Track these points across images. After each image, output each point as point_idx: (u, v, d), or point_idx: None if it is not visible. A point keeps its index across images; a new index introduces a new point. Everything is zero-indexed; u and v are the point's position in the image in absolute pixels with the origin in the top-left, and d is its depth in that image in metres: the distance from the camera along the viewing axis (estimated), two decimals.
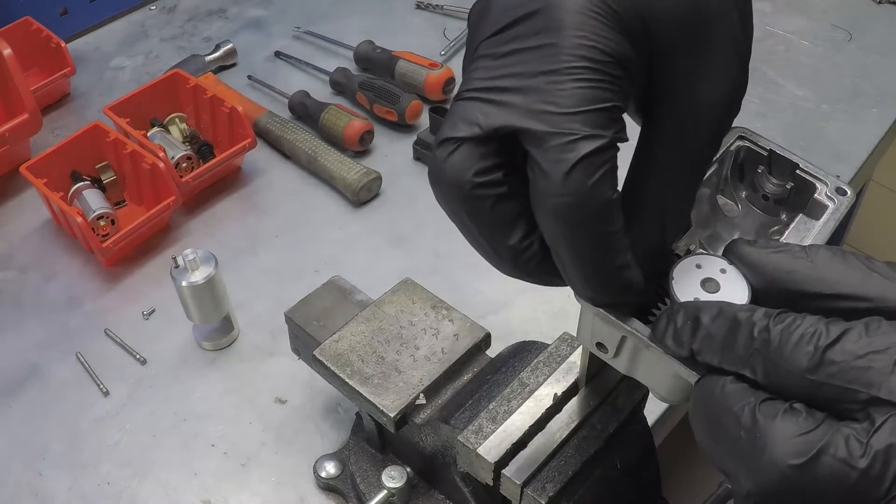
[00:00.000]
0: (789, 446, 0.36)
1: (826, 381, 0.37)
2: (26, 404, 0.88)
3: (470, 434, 0.61)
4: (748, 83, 0.46)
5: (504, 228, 0.44)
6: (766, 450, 0.37)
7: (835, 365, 0.37)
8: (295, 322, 0.78)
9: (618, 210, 0.41)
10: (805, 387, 0.38)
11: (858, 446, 0.35)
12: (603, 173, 0.40)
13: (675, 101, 0.44)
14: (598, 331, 0.51)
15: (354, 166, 1.06)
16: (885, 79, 1.21)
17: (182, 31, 1.34)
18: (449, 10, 1.35)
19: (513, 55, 0.42)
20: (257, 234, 1.04)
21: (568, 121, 0.40)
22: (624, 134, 0.41)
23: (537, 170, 0.40)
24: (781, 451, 0.36)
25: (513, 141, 0.42)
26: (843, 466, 0.35)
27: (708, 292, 0.46)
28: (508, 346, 0.72)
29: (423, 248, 1.01)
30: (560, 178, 0.40)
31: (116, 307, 0.96)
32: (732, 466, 0.39)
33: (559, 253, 0.43)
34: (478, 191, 0.42)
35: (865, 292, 0.41)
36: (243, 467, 0.82)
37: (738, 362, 0.40)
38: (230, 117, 1.07)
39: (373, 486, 0.75)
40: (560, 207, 0.40)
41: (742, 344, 0.40)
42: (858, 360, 0.36)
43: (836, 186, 0.55)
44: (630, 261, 0.43)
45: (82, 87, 1.24)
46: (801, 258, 0.43)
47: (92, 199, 1.00)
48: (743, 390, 0.40)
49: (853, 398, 0.36)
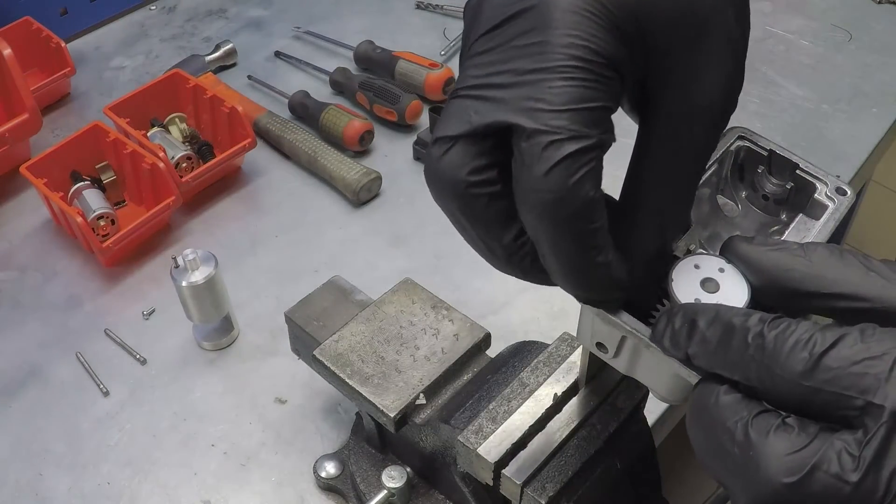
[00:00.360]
0: (782, 464, 0.36)
1: (821, 388, 0.37)
2: (26, 404, 0.88)
3: (470, 434, 0.61)
4: (747, 82, 0.46)
5: (498, 227, 0.44)
6: (759, 468, 0.37)
7: (830, 371, 0.37)
8: (295, 322, 0.78)
9: (600, 208, 0.41)
10: (800, 393, 0.38)
11: (850, 460, 0.35)
12: (585, 173, 0.40)
13: (671, 100, 0.44)
14: (598, 331, 0.51)
15: (354, 166, 1.06)
16: (885, 79, 1.21)
17: (182, 31, 1.34)
18: (449, 10, 1.35)
19: (505, 52, 0.42)
20: (257, 234, 1.04)
21: (555, 118, 0.40)
22: (611, 135, 0.41)
23: (521, 165, 0.41)
24: (775, 469, 0.37)
25: (507, 139, 0.42)
26: (836, 482, 0.35)
27: (707, 292, 0.46)
28: (508, 346, 0.72)
29: (423, 248, 1.01)
30: (542, 175, 0.40)
31: (116, 307, 0.96)
32: (728, 481, 0.39)
33: (541, 248, 0.43)
34: (472, 189, 0.42)
35: (863, 292, 0.41)
36: (243, 467, 0.82)
37: (732, 368, 0.40)
38: (230, 117, 1.07)
39: (373, 486, 0.75)
40: (540, 203, 0.40)
41: (736, 349, 0.40)
42: (854, 366, 0.36)
43: (836, 186, 0.55)
44: (611, 258, 0.43)
45: (82, 87, 1.24)
46: (798, 256, 0.43)
47: (92, 199, 1.00)
48: (736, 402, 0.40)
49: (849, 404, 0.36)
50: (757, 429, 0.38)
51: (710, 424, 0.40)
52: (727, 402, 0.40)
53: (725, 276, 0.47)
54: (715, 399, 0.40)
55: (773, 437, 0.37)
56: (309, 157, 1.08)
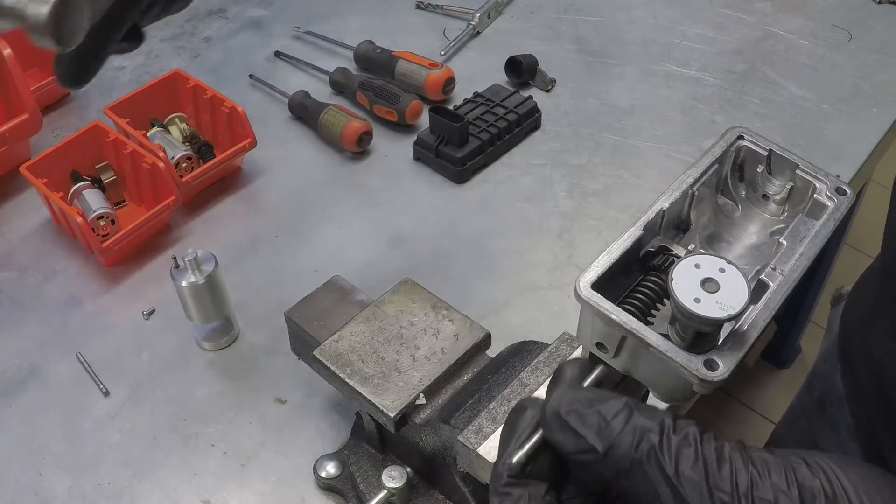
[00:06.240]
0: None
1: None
2: (26, 404, 0.88)
3: (470, 434, 0.61)
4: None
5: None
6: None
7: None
8: (295, 322, 0.78)
9: None
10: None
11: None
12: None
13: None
14: (598, 331, 0.51)
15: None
16: (885, 79, 1.21)
17: (182, 31, 1.34)
18: (449, 10, 1.35)
19: None
20: (257, 234, 1.04)
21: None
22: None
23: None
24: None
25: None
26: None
27: (708, 292, 0.46)
28: (508, 346, 0.73)
29: (423, 248, 1.01)
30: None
31: (116, 307, 0.96)
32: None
33: None
34: None
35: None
36: (243, 467, 0.82)
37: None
38: (230, 117, 1.07)
39: (373, 486, 0.75)
40: None
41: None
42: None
43: (836, 186, 0.55)
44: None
45: None
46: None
47: (92, 199, 1.00)
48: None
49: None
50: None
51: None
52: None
53: (726, 276, 0.47)
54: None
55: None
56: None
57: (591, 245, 1.00)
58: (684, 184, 0.55)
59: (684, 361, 0.47)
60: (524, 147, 1.14)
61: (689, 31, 1.31)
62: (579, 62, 1.26)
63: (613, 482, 0.45)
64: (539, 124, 1.16)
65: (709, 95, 1.19)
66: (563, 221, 1.03)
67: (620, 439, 0.44)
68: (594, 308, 0.49)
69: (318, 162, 1.13)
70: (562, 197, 1.06)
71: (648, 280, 0.54)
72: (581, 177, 1.08)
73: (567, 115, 1.18)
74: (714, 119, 1.16)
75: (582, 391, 0.48)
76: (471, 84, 1.18)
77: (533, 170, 1.10)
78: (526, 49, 1.24)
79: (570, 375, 0.51)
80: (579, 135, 1.14)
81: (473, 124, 1.10)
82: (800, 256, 0.52)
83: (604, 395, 0.47)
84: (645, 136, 1.14)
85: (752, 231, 0.57)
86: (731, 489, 0.42)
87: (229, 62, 1.28)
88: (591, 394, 0.47)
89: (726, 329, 0.49)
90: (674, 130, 1.15)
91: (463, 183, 1.08)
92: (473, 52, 1.29)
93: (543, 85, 1.21)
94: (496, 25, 1.34)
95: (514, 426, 0.49)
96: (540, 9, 1.37)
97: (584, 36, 1.31)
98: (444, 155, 1.08)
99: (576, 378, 0.51)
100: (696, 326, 0.47)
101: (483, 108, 1.13)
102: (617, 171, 1.08)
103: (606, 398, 0.46)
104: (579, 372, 0.51)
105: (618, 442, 0.44)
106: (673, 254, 0.54)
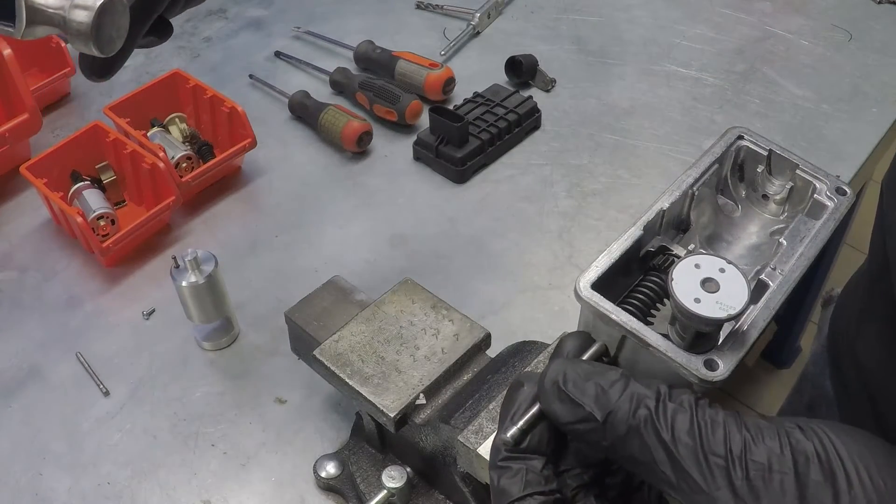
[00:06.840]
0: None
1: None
2: (26, 404, 0.88)
3: (470, 434, 0.61)
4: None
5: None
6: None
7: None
8: (295, 322, 0.78)
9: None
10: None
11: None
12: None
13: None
14: (598, 331, 0.51)
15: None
16: (885, 79, 1.21)
17: (182, 31, 1.34)
18: (449, 10, 1.35)
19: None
20: (257, 234, 1.04)
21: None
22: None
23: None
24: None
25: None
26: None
27: (708, 292, 0.46)
28: (508, 346, 0.72)
29: (423, 248, 1.01)
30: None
31: (116, 307, 0.96)
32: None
33: None
34: None
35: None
36: (243, 467, 0.82)
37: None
38: (230, 117, 1.07)
39: (373, 486, 0.75)
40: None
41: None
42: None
43: (836, 186, 0.55)
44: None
45: (82, 87, 1.24)
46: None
47: (92, 199, 1.00)
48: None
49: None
50: None
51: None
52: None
53: (726, 275, 0.47)
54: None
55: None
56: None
57: (591, 245, 1.00)
58: (684, 184, 0.55)
59: (684, 361, 0.47)
60: (524, 147, 1.14)
61: (689, 31, 1.31)
62: (579, 62, 1.26)
63: (611, 450, 0.46)
64: (539, 124, 1.16)
65: (709, 95, 1.19)
66: (563, 221, 1.03)
67: (618, 406, 0.45)
68: (594, 308, 0.49)
69: (318, 162, 1.13)
70: (562, 197, 1.06)
71: (648, 280, 0.54)
72: (581, 177, 1.08)
73: (567, 115, 1.18)
74: (714, 119, 1.16)
75: (580, 364, 0.48)
76: (471, 84, 1.18)
77: (533, 170, 1.10)
78: (526, 49, 1.24)
79: (569, 349, 0.52)
80: (579, 135, 1.14)
81: (473, 124, 1.10)
82: (800, 256, 0.52)
83: (601, 367, 0.48)
84: (645, 135, 1.14)
85: (752, 231, 0.57)
86: (726, 453, 0.43)
87: (229, 62, 1.29)
88: (590, 366, 0.47)
89: (726, 329, 0.49)
90: (674, 130, 1.15)
91: (463, 183, 1.08)
92: (473, 52, 1.29)
93: (543, 85, 1.21)
94: (496, 25, 1.34)
95: (512, 400, 0.50)
96: (540, 9, 1.37)
97: (584, 36, 1.31)
98: (444, 155, 1.08)
99: (574, 352, 0.51)
100: (696, 326, 0.47)
101: (483, 108, 1.13)
102: (617, 171, 1.08)
103: (604, 370, 0.47)
104: (579, 345, 0.52)
105: (616, 408, 0.45)
106: (673, 254, 0.54)
